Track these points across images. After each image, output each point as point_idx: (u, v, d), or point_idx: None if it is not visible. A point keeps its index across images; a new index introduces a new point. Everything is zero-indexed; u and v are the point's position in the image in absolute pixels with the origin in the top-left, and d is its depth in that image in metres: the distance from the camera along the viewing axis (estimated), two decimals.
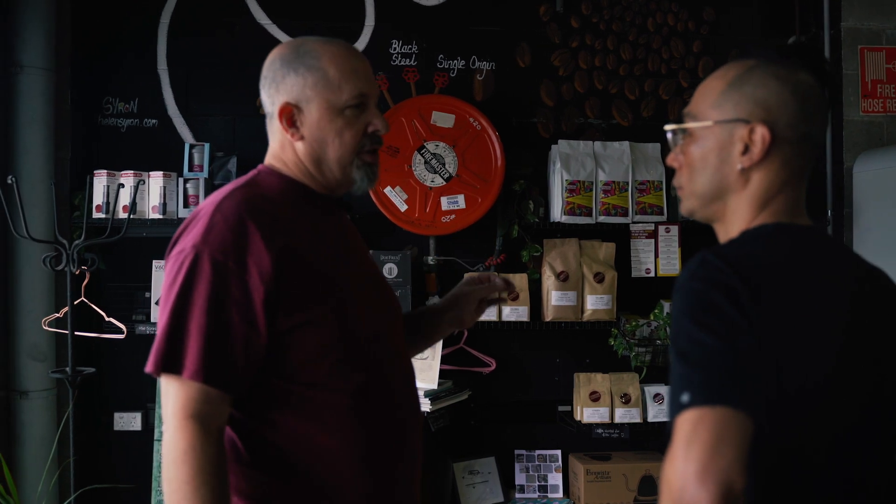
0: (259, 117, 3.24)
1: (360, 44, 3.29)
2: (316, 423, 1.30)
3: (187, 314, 1.22)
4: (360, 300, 1.38)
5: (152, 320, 3.09)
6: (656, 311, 3.11)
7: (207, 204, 1.32)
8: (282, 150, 1.42)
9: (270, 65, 1.41)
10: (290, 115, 1.37)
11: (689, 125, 1.17)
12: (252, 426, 1.31)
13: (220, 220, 1.26)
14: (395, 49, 3.30)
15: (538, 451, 3.27)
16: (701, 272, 1.02)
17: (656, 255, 3.17)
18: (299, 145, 1.39)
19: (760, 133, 1.10)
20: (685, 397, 0.93)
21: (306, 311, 1.29)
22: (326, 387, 1.30)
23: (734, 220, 1.15)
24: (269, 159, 1.44)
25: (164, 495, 1.20)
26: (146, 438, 3.18)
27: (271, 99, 1.40)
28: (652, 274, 3.19)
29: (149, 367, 1.23)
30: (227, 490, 1.22)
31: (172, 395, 1.22)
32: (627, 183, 3.12)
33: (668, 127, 1.22)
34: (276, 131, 1.42)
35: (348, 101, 1.36)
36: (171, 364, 1.21)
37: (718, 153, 1.13)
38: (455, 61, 3.31)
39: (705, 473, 0.86)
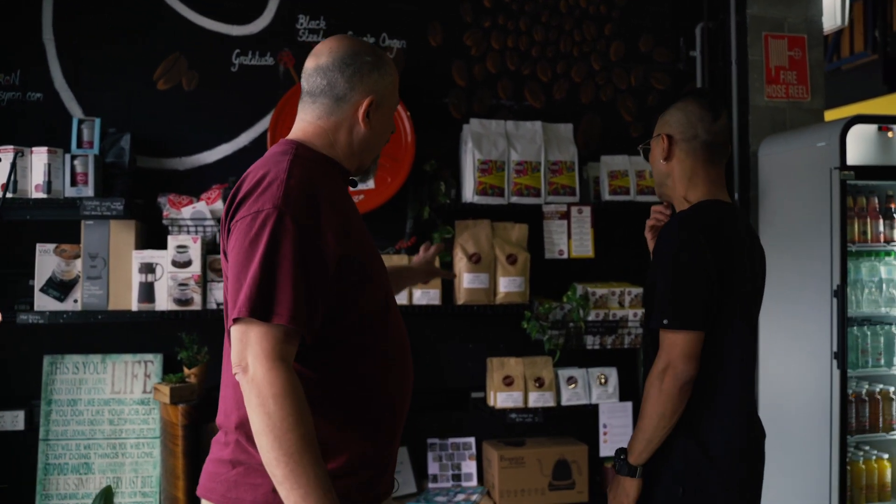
0: (157, 92, 3.05)
1: (265, 19, 3.14)
2: (363, 367, 1.49)
3: (277, 266, 1.34)
4: (381, 267, 1.60)
5: (36, 309, 2.86)
6: (569, 293, 3.07)
7: (273, 168, 1.42)
8: (336, 129, 1.55)
9: (355, 55, 1.54)
10: (369, 108, 1.54)
11: (651, 141, 2.02)
12: (305, 374, 1.45)
13: (295, 186, 1.39)
14: (301, 24, 3.17)
15: (451, 440, 3.19)
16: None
17: (569, 237, 3.13)
18: (362, 132, 1.56)
19: (664, 139, 1.95)
20: None
21: (366, 268, 1.49)
22: (374, 335, 1.50)
23: (675, 194, 1.96)
24: (307, 135, 1.55)
25: (264, 435, 1.30)
26: (31, 439, 2.94)
27: (350, 85, 1.53)
28: (565, 255, 3.14)
29: (239, 313, 1.33)
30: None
31: (258, 339, 1.33)
32: (540, 163, 3.08)
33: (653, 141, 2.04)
34: (337, 111, 1.54)
35: (396, 104, 1.63)
36: (263, 310, 1.32)
37: (656, 155, 1.99)
38: (365, 38, 3.20)
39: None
